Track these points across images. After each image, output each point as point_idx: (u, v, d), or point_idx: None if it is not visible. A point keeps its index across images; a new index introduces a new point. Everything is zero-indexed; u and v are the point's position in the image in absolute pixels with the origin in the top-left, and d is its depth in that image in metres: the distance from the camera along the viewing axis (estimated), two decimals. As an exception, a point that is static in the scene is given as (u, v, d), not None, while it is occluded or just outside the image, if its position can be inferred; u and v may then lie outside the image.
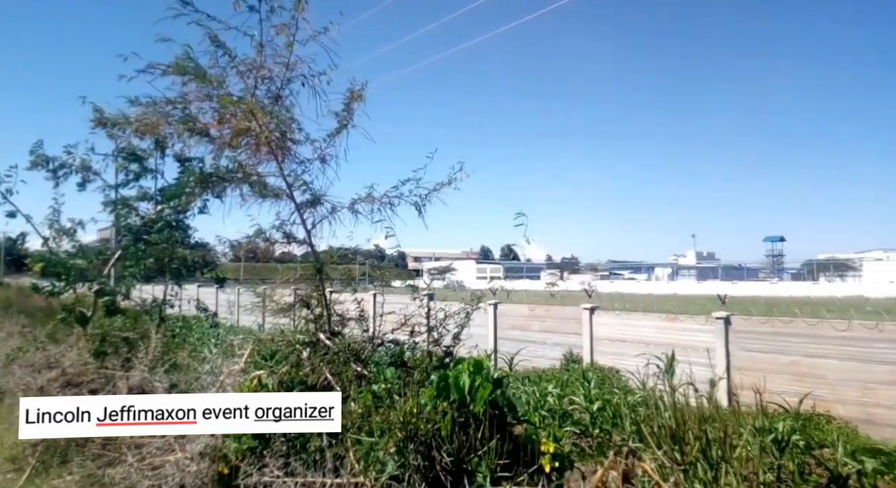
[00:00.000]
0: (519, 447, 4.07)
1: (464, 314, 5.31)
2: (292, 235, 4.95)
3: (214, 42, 4.40)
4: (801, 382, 7.87)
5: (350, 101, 4.66)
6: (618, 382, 9.05)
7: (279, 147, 4.56)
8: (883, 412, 7.30)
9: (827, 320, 8.18)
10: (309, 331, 4.90)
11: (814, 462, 5.48)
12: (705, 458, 3.56)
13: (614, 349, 10.58)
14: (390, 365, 4.73)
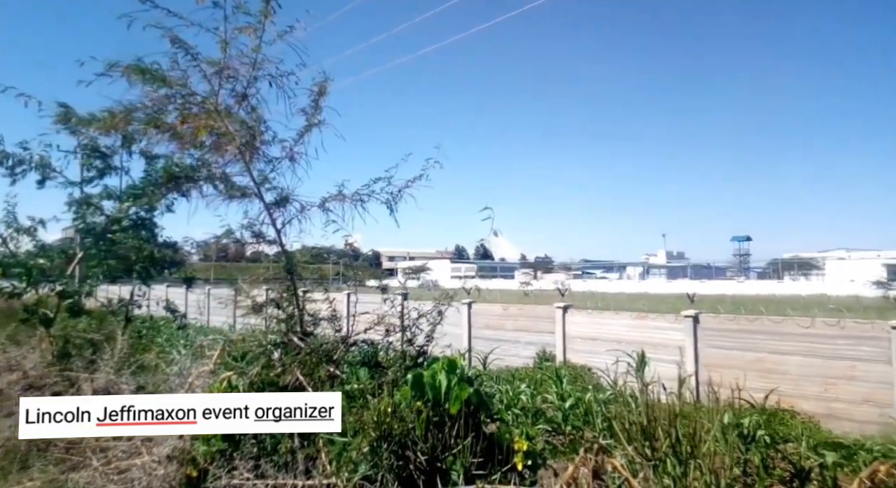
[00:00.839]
0: (493, 445, 4.08)
1: (436, 313, 5.29)
2: (262, 235, 4.88)
3: (175, 42, 4.30)
4: (767, 378, 8.07)
5: (317, 97, 4.61)
6: (590, 380, 9.17)
7: (246, 146, 4.49)
8: (843, 406, 7.54)
9: (791, 318, 8.42)
10: (280, 332, 4.84)
11: (778, 456, 5.63)
12: (675, 454, 3.62)
13: (587, 347, 10.71)
14: (364, 365, 4.70)
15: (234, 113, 4.50)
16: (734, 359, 8.55)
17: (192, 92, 4.54)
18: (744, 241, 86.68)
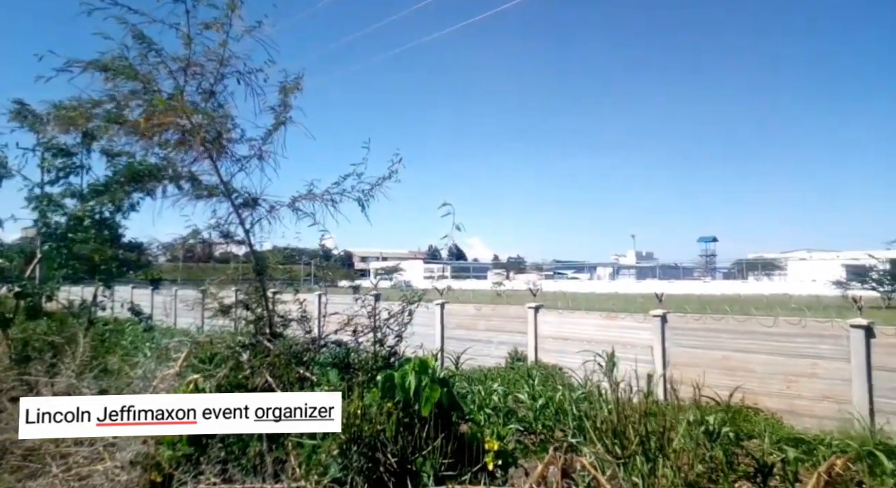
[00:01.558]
0: (464, 445, 4.09)
1: (407, 313, 5.28)
2: (231, 235, 4.80)
3: (138, 37, 4.19)
4: (732, 376, 8.26)
5: (286, 94, 4.54)
6: (561, 379, 9.26)
7: (213, 144, 4.40)
8: (804, 403, 7.76)
9: (755, 317, 8.64)
10: (249, 333, 4.76)
11: (742, 452, 5.78)
12: (643, 452, 3.68)
13: (558, 347, 10.80)
14: (334, 366, 4.66)
15: (200, 110, 4.40)
16: (700, 358, 8.73)
17: (156, 88, 4.44)
18: (710, 242, 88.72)
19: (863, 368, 7.26)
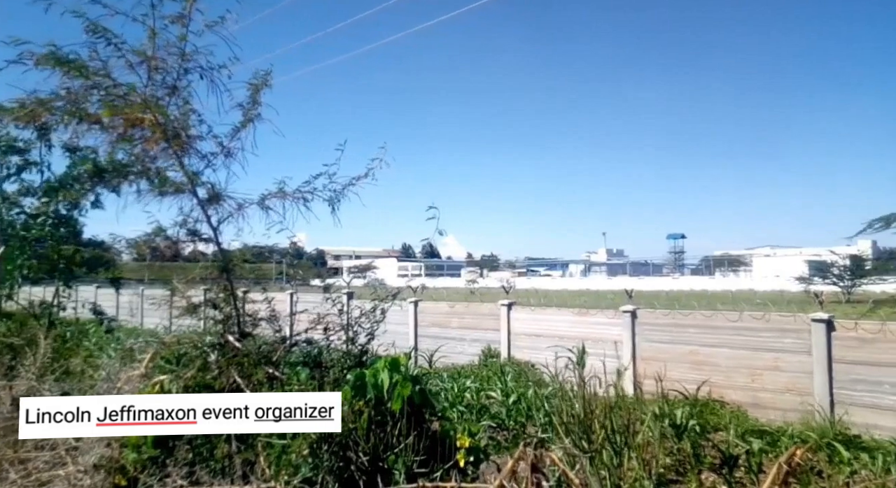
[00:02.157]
0: (436, 443, 4.08)
1: (379, 312, 5.24)
2: (197, 233, 4.69)
3: (97, 31, 4.06)
4: (699, 370, 8.44)
5: (255, 92, 4.46)
6: (533, 376, 9.33)
7: (178, 140, 4.29)
8: (768, 396, 7.97)
9: (721, 312, 8.83)
10: (217, 333, 4.67)
11: (709, 444, 5.92)
12: (610, 445, 3.73)
13: (530, 343, 10.89)
14: (304, 365, 4.60)
15: (164, 105, 4.29)
16: (669, 353, 8.89)
17: (117, 83, 4.31)
18: (679, 239, 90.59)
19: (823, 361, 7.49)
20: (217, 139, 4.56)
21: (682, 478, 5.29)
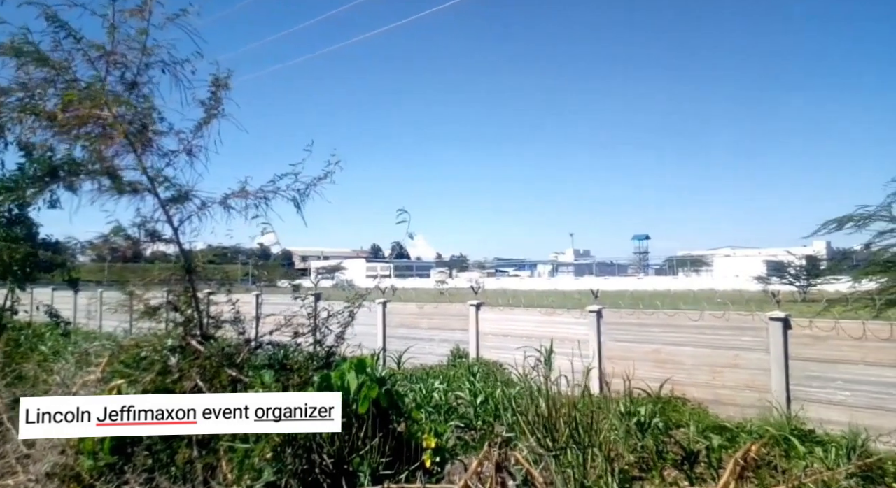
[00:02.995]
0: (402, 444, 4.07)
1: (347, 313, 5.20)
2: (158, 233, 4.56)
3: (54, 21, 3.93)
4: (662, 368, 8.63)
5: (216, 89, 4.37)
6: (502, 375, 9.40)
7: (137, 137, 4.17)
8: (728, 393, 8.20)
9: (683, 311, 9.04)
10: (178, 336, 4.55)
11: (671, 440, 6.06)
12: (575, 443, 3.78)
13: (498, 343, 10.96)
14: (269, 368, 4.52)
15: (123, 101, 4.16)
16: (633, 351, 9.06)
17: (74, 78, 4.17)
18: (643, 240, 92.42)
19: (780, 358, 7.73)
20: (179, 136, 4.45)
21: (646, 475, 5.41)
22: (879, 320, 7.85)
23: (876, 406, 6.98)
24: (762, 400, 7.71)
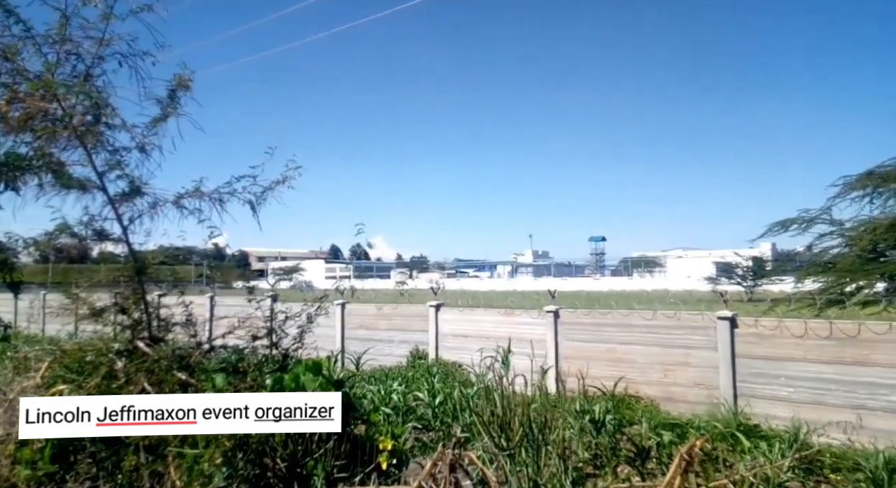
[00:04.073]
0: (358, 446, 4.03)
1: (304, 315, 5.12)
2: (106, 232, 4.39)
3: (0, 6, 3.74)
4: (616, 367, 8.81)
5: (175, 89, 4.23)
6: (460, 376, 9.43)
7: (87, 132, 4.00)
8: (679, 390, 8.44)
9: (637, 311, 9.27)
10: (125, 339, 4.39)
11: (624, 438, 6.20)
12: (529, 442, 3.82)
13: (458, 344, 10.99)
14: (222, 371, 4.41)
15: (73, 93, 3.98)
16: (589, 351, 9.23)
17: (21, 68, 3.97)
18: (600, 241, 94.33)
19: (728, 356, 8.01)
20: (132, 132, 4.28)
21: (600, 472, 5.52)
22: (820, 319, 8.23)
23: (816, 401, 7.30)
24: (711, 396, 7.97)
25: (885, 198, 10.13)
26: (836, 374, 7.22)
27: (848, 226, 10.61)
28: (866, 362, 7.05)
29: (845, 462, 5.72)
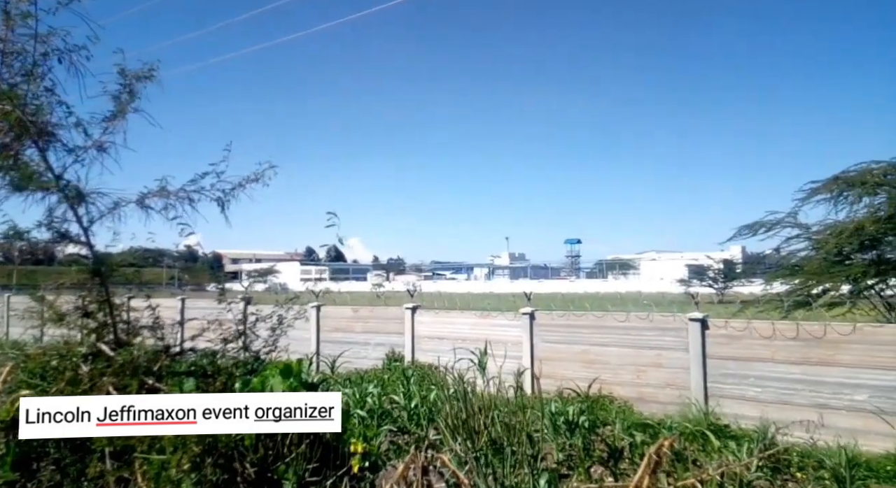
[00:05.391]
0: (331, 450, 3.99)
1: (276, 318, 5.05)
2: (66, 234, 4.26)
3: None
4: (591, 368, 8.90)
5: (133, 83, 4.13)
6: (437, 378, 9.41)
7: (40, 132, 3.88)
8: (651, 391, 8.56)
9: (611, 313, 9.37)
10: (90, 343, 4.27)
11: (598, 438, 6.26)
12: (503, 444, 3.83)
13: (434, 346, 10.97)
14: (190, 375, 4.33)
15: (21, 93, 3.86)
16: (564, 352, 9.32)
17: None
18: (575, 244, 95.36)
19: (699, 357, 8.15)
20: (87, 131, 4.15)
21: (573, 472, 5.55)
22: (787, 320, 8.43)
23: (784, 401, 7.47)
24: (682, 397, 8.09)
25: (850, 203, 10.39)
26: (802, 374, 7.40)
27: (814, 230, 10.87)
28: (831, 362, 7.24)
29: (810, 460, 5.86)
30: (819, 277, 10.37)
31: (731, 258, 47.38)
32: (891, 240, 9.69)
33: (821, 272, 10.27)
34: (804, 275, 10.80)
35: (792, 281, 11.17)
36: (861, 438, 6.35)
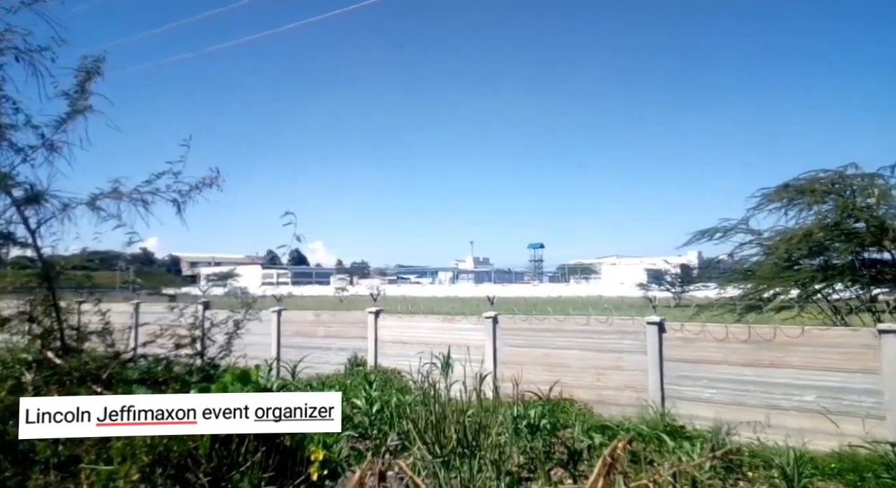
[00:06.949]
0: (288, 457, 3.91)
1: (232, 322, 4.93)
2: (11, 236, 4.07)
3: None
4: (552, 371, 8.99)
5: (85, 80, 3.99)
6: (399, 383, 9.35)
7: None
8: (611, 393, 8.70)
9: (572, 316, 9.49)
10: (35, 349, 4.09)
11: (558, 441, 6.32)
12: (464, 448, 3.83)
13: (397, 351, 10.90)
14: (142, 382, 4.18)
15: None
16: (526, 356, 9.38)
17: None
18: (538, 248, 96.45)
19: (656, 359, 8.32)
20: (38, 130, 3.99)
21: (534, 475, 5.59)
22: (740, 324, 8.70)
23: (736, 402, 7.70)
24: (640, 399, 8.24)
25: (799, 210, 10.77)
26: (754, 376, 7.64)
27: (765, 236, 11.23)
28: (781, 364, 7.51)
29: (760, 460, 6.04)
30: (770, 282, 10.72)
31: (687, 263, 48.72)
32: (837, 247, 10.07)
33: (771, 277, 10.62)
34: (756, 279, 11.14)
35: (744, 285, 11.50)
36: (809, 437, 6.60)
